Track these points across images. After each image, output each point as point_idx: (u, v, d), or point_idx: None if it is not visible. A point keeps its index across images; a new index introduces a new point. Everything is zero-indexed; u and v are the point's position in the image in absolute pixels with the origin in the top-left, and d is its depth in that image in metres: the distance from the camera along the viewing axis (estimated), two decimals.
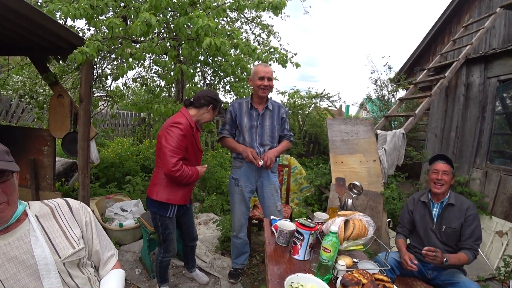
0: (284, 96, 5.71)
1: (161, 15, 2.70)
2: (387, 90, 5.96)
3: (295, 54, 4.96)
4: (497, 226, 3.08)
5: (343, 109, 9.68)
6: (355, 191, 1.68)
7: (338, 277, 1.15)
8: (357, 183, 1.68)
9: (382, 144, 3.44)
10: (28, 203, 0.94)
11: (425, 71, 4.45)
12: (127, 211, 2.97)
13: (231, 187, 2.26)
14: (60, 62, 3.34)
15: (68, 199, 1.03)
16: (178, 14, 2.52)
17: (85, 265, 0.99)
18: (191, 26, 2.34)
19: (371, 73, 6.41)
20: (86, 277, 0.96)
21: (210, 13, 2.55)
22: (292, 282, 1.08)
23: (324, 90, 6.60)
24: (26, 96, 6.18)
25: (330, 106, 6.95)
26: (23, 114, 7.18)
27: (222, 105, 1.87)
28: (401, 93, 6.02)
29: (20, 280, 0.82)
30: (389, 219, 1.58)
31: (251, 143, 2.15)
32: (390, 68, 5.92)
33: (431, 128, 4.57)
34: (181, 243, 2.22)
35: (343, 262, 1.21)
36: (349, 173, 3.21)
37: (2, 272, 0.80)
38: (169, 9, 2.85)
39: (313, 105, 6.85)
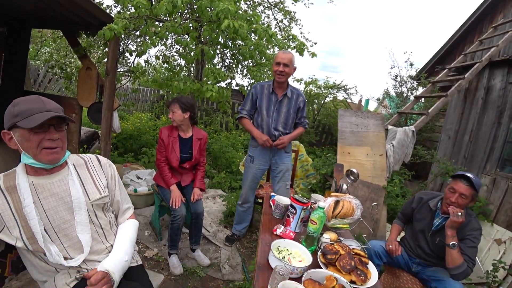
0: (300, 84, 5.74)
1: None
2: (406, 87, 5.85)
3: (315, 43, 4.95)
4: (497, 234, 3.07)
5: (363, 102, 9.52)
6: (352, 177, 1.79)
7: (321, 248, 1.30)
8: (354, 170, 1.78)
9: (391, 139, 3.48)
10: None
11: (445, 70, 4.36)
12: (142, 179, 3.21)
13: (247, 163, 2.51)
14: (89, 37, 3.55)
15: (98, 155, 1.24)
16: None
17: (108, 210, 1.20)
18: (213, 8, 2.45)
19: (391, 68, 6.29)
20: (108, 219, 1.17)
21: None
22: (279, 246, 1.24)
23: (342, 81, 6.56)
24: (55, 68, 6.53)
25: (346, 98, 6.89)
26: (50, 84, 7.57)
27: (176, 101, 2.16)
28: (421, 91, 5.88)
29: (59, 212, 1.03)
30: (374, 203, 1.68)
31: (268, 126, 2.33)
32: (411, 64, 5.77)
33: (445, 130, 4.51)
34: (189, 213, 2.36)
35: (327, 236, 1.35)
36: (354, 164, 3.29)
37: (46, 203, 1.01)
38: None
39: (331, 96, 6.81)
